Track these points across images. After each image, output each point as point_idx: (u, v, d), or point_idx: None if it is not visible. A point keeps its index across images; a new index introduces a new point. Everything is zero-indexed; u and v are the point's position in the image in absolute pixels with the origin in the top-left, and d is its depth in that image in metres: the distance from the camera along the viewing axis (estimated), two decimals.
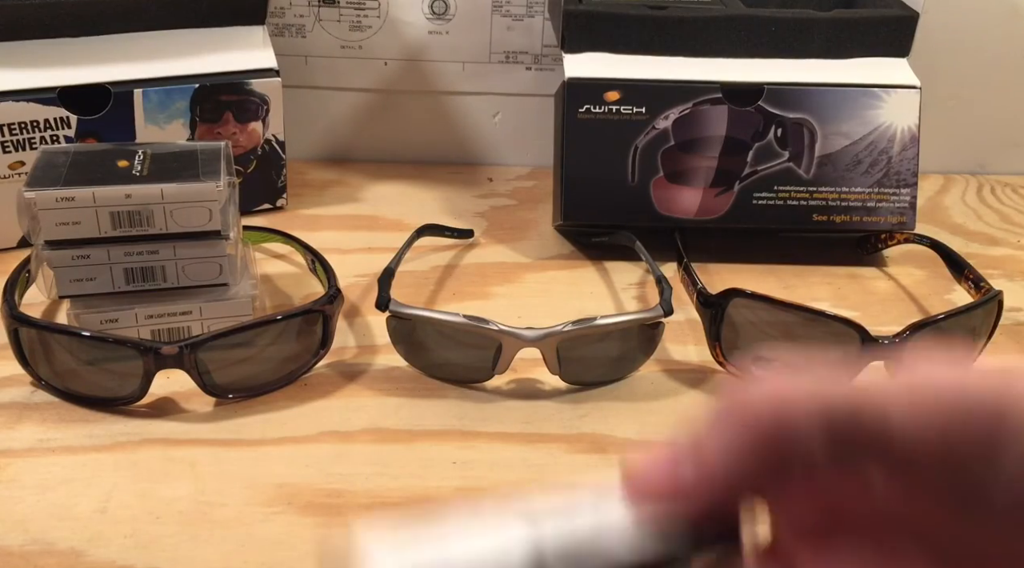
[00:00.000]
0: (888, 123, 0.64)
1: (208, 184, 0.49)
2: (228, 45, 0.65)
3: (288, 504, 0.43)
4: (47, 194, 0.48)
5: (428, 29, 0.74)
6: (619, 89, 0.63)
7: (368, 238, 0.66)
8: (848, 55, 0.65)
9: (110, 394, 0.48)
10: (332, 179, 0.75)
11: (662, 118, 0.63)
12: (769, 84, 0.64)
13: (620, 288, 0.62)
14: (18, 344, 0.48)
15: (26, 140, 0.59)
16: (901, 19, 0.65)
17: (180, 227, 0.50)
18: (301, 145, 0.76)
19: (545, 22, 0.74)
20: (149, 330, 0.52)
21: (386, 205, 0.71)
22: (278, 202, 0.70)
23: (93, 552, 0.39)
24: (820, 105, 0.63)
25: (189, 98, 0.63)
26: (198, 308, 0.52)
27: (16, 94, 0.59)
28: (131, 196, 0.49)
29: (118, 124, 0.62)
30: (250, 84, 0.65)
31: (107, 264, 0.50)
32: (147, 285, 0.51)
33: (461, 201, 0.72)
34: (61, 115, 0.60)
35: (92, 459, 0.45)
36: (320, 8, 0.73)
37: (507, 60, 0.76)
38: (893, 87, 0.64)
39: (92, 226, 0.49)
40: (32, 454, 0.45)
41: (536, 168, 0.78)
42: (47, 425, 0.47)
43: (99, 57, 0.62)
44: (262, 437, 0.47)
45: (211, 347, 0.47)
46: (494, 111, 0.78)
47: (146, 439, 0.46)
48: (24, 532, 0.40)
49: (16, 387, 0.49)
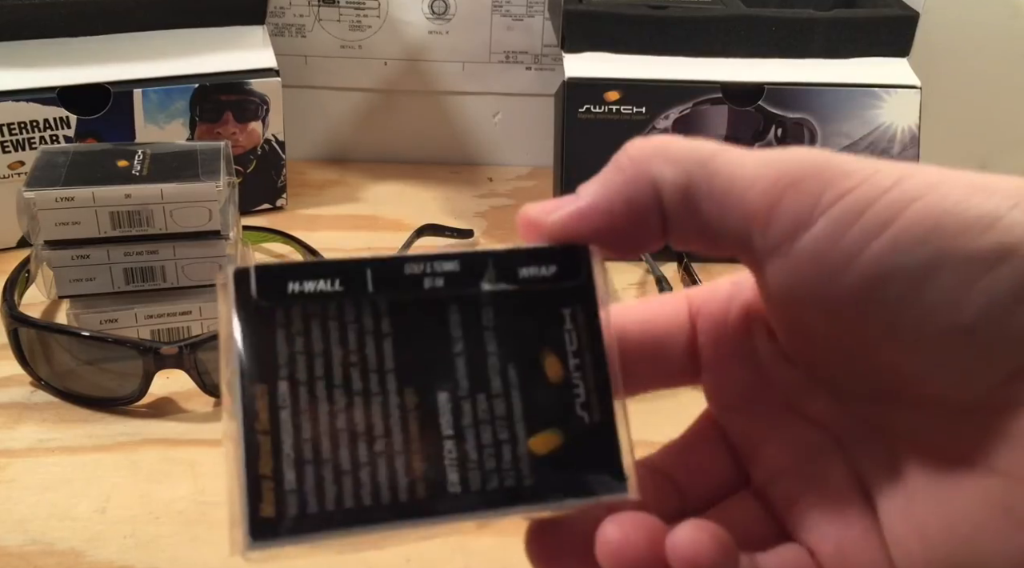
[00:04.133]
0: (888, 123, 0.64)
1: (208, 184, 0.49)
2: (228, 45, 0.65)
3: None
4: (47, 194, 0.48)
5: (428, 29, 0.74)
6: (619, 89, 0.63)
7: (368, 238, 0.66)
8: (848, 55, 0.65)
9: (110, 394, 0.48)
10: (332, 179, 0.75)
11: (662, 118, 0.63)
12: (769, 84, 0.63)
13: (620, 288, 0.62)
14: (18, 344, 0.48)
15: (26, 140, 0.59)
16: (901, 19, 0.65)
17: (180, 227, 0.50)
18: (301, 145, 0.76)
19: (545, 22, 0.74)
20: (149, 330, 0.52)
21: (386, 205, 0.71)
22: (278, 202, 0.70)
23: (93, 552, 0.39)
24: (820, 105, 0.63)
25: (189, 98, 0.63)
26: (198, 308, 0.52)
27: (16, 94, 0.59)
28: (131, 196, 0.49)
29: (118, 124, 0.61)
30: (250, 84, 0.64)
31: (107, 264, 0.50)
32: (147, 285, 0.51)
33: (461, 201, 0.72)
34: (61, 115, 0.60)
35: (92, 459, 0.45)
36: (320, 8, 0.73)
37: (507, 60, 0.76)
38: (893, 87, 0.64)
39: (92, 226, 0.49)
40: (32, 454, 0.45)
41: (536, 168, 0.78)
42: (47, 425, 0.47)
43: (99, 57, 0.62)
44: None
45: (211, 347, 0.47)
46: (494, 111, 0.77)
47: (146, 439, 0.46)
48: (24, 532, 0.40)
49: (16, 387, 0.49)
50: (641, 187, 0.23)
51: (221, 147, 0.53)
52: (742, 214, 0.22)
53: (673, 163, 0.23)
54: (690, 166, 0.23)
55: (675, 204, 0.23)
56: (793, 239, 0.21)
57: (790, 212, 0.21)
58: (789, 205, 0.21)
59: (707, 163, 0.22)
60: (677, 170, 0.23)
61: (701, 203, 0.22)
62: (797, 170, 0.22)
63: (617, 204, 0.23)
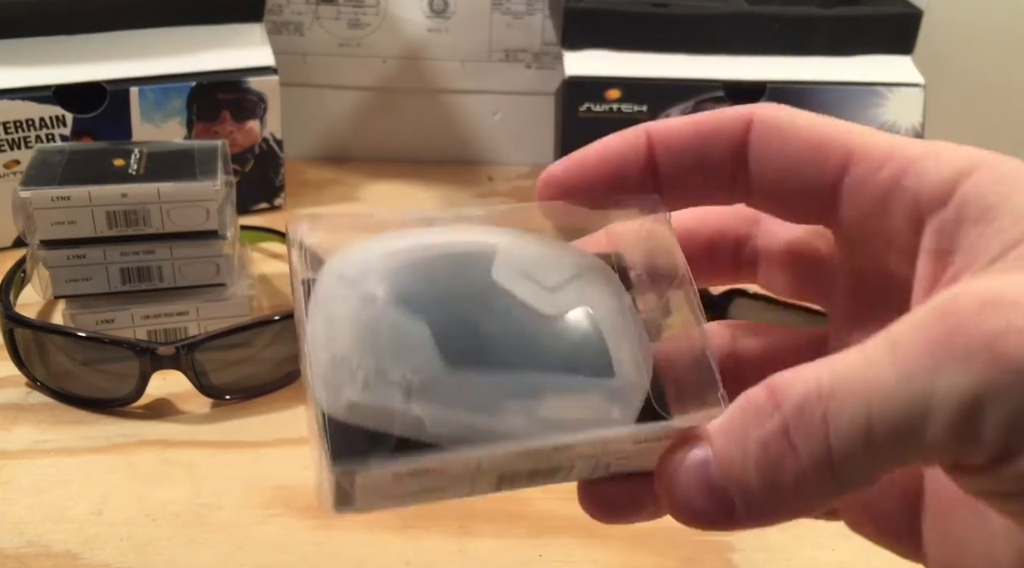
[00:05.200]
0: (892, 122, 0.63)
1: (205, 183, 0.49)
2: (225, 43, 0.65)
3: (286, 506, 0.42)
4: (42, 193, 0.48)
5: (427, 27, 0.74)
6: (620, 87, 0.62)
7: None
8: (851, 53, 0.65)
9: (106, 395, 0.48)
10: (330, 178, 0.74)
11: (663, 116, 0.62)
12: (772, 82, 0.63)
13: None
14: (13, 345, 0.48)
15: (21, 139, 0.59)
16: (905, 16, 0.65)
17: (177, 226, 0.49)
18: (299, 144, 0.75)
19: (545, 19, 0.74)
20: (145, 330, 0.51)
21: (385, 204, 0.71)
22: (276, 201, 0.69)
23: (89, 555, 0.39)
24: (823, 103, 0.63)
25: (186, 96, 0.63)
26: (195, 308, 0.52)
27: (11, 92, 0.58)
28: (127, 195, 0.48)
29: (114, 122, 0.61)
30: (247, 82, 0.64)
31: (103, 264, 0.50)
32: (143, 285, 0.50)
33: (461, 200, 0.72)
34: (57, 113, 0.59)
35: (88, 461, 0.44)
36: (318, 6, 0.73)
37: (507, 58, 0.75)
38: (897, 85, 0.64)
39: (88, 226, 0.48)
40: (27, 456, 0.44)
41: (536, 167, 0.78)
42: (42, 426, 0.46)
43: (95, 55, 0.61)
44: (259, 439, 0.46)
45: (208, 348, 0.47)
46: (494, 109, 0.77)
47: (142, 441, 0.46)
48: (19, 534, 0.40)
49: (11, 388, 0.49)
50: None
51: (218, 146, 0.53)
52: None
53: None
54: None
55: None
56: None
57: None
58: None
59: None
60: None
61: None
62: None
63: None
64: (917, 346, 0.19)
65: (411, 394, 0.21)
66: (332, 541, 0.40)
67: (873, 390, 0.19)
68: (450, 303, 0.22)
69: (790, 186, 0.24)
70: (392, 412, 0.21)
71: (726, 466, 0.20)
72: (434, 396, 0.21)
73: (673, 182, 0.25)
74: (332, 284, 0.23)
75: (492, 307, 0.22)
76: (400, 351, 0.21)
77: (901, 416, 0.18)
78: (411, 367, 0.21)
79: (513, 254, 0.23)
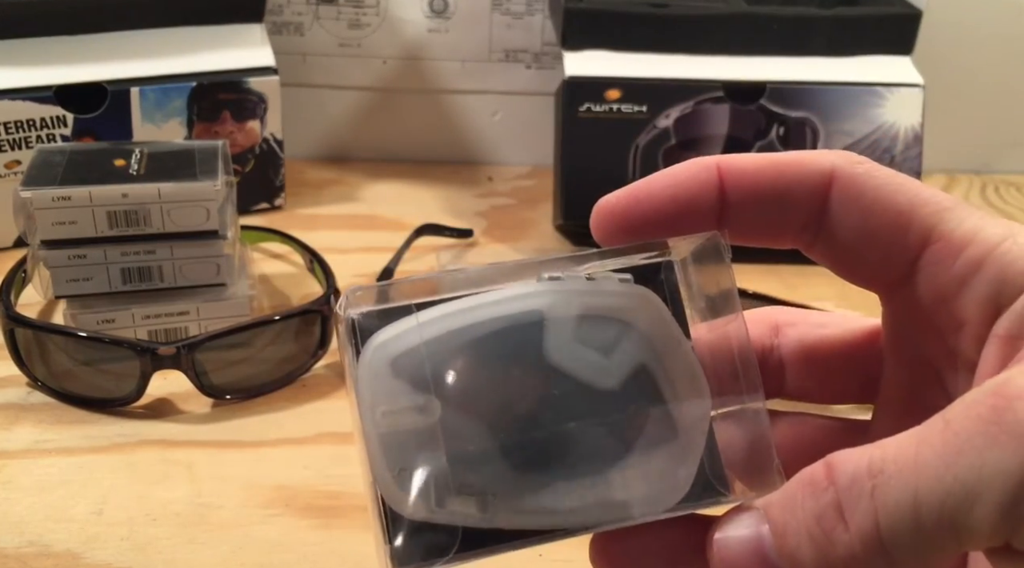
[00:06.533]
0: (891, 122, 0.63)
1: (205, 183, 0.49)
2: (226, 43, 0.65)
3: (286, 506, 0.42)
4: (43, 193, 0.48)
5: (427, 27, 0.74)
6: (620, 87, 0.62)
7: (367, 238, 0.66)
8: (851, 53, 0.65)
9: (107, 395, 0.48)
10: (331, 178, 0.74)
11: (663, 117, 0.62)
12: (771, 82, 0.63)
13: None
14: (14, 344, 0.48)
15: (22, 139, 0.59)
16: (904, 17, 0.65)
17: (177, 227, 0.49)
18: (299, 144, 0.75)
19: (545, 20, 0.74)
20: (146, 330, 0.51)
21: (385, 204, 0.71)
22: (276, 201, 0.69)
23: (90, 554, 0.39)
24: (823, 104, 0.63)
25: (186, 96, 0.63)
26: (195, 308, 0.52)
27: (12, 93, 0.58)
28: (128, 195, 0.48)
29: (115, 123, 0.61)
30: (248, 82, 0.64)
31: (104, 264, 0.50)
32: (144, 285, 0.51)
33: (461, 200, 0.72)
34: (57, 114, 0.60)
35: (88, 461, 0.44)
36: (319, 6, 0.73)
37: (507, 58, 0.75)
38: (896, 85, 0.64)
39: (89, 225, 0.48)
40: (28, 455, 0.44)
41: (536, 167, 0.78)
42: (43, 426, 0.46)
43: (96, 55, 0.61)
44: (260, 438, 0.46)
45: (208, 348, 0.47)
46: (494, 110, 0.77)
47: (143, 440, 0.46)
48: (20, 534, 0.40)
49: (12, 388, 0.49)
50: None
51: (219, 146, 0.53)
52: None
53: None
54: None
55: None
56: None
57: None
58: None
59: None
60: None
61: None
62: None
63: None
64: (967, 425, 0.19)
65: (485, 507, 0.22)
66: (332, 541, 0.40)
67: (922, 466, 0.19)
68: (510, 399, 0.23)
69: (865, 253, 0.24)
70: (458, 523, 0.22)
71: (780, 538, 0.21)
72: (502, 506, 0.22)
73: (740, 221, 0.25)
74: (384, 376, 0.23)
75: (551, 395, 0.23)
76: (467, 461, 0.22)
77: (948, 493, 0.18)
78: (479, 478, 0.22)
79: (559, 317, 0.23)
